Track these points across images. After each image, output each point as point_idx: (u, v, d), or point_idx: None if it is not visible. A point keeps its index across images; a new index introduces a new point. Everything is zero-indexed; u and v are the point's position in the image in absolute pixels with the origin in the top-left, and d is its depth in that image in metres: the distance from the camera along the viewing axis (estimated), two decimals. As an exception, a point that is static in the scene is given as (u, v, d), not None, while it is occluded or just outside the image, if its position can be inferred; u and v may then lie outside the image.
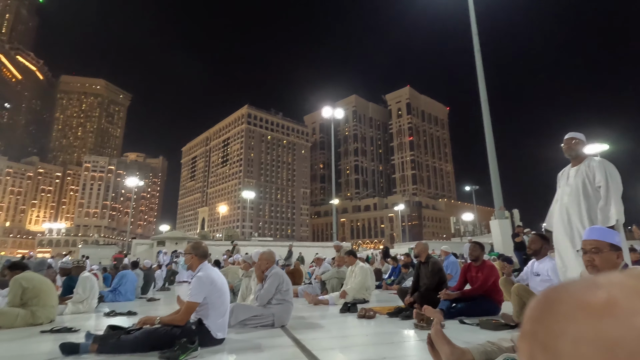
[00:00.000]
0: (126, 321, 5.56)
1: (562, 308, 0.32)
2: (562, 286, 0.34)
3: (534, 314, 0.34)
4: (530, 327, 0.34)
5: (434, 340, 2.54)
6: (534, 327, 0.34)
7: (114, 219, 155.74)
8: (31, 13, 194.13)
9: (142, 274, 10.14)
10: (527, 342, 0.34)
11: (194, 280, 3.86)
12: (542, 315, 0.33)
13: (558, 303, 0.33)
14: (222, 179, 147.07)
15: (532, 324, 0.34)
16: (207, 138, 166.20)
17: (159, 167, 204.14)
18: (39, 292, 5.34)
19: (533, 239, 4.76)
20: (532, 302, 0.36)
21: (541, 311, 0.33)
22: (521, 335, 0.36)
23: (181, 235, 34.00)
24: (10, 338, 4.52)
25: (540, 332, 0.33)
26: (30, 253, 28.26)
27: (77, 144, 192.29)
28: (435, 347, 2.53)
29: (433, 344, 2.55)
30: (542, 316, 0.33)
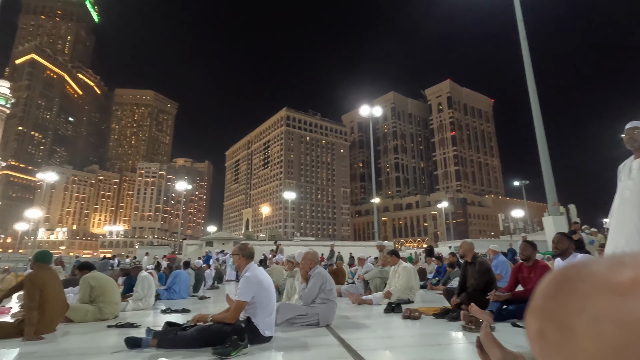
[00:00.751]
0: (181, 318, 5.91)
1: (581, 285, 0.31)
2: (583, 263, 0.33)
3: (549, 290, 0.33)
4: (542, 303, 0.33)
5: (484, 343, 2.46)
6: (547, 303, 0.33)
7: (166, 221, 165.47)
8: (88, 33, 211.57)
9: (194, 273, 10.71)
10: (537, 318, 0.33)
11: (242, 280, 4.03)
12: (558, 292, 0.32)
13: (577, 280, 0.32)
14: (263, 180, 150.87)
15: (545, 300, 0.33)
16: (248, 141, 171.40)
17: (205, 171, 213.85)
18: (105, 290, 5.85)
19: (559, 238, 4.55)
20: (546, 278, 0.34)
21: (557, 287, 0.32)
22: (531, 310, 0.34)
23: (227, 235, 35.38)
24: (83, 332, 5.00)
25: (554, 308, 0.32)
26: (94, 254, 30.76)
27: (131, 152, 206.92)
28: (485, 350, 2.44)
29: (482, 347, 2.47)
30: (557, 293, 0.32)
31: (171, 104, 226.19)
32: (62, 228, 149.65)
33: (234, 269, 15.00)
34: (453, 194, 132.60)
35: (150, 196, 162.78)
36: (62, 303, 4.99)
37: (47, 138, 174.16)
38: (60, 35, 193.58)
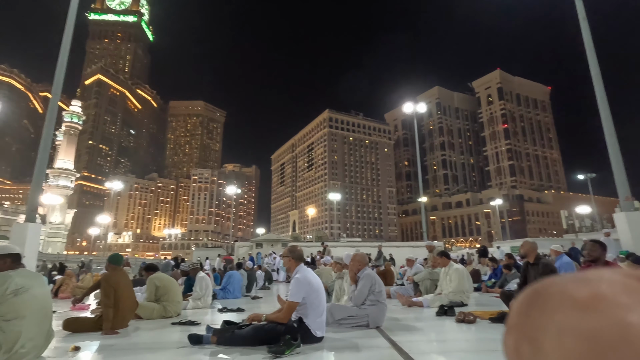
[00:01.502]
0: (236, 317, 6.22)
1: (548, 301, 0.33)
2: (551, 280, 0.35)
3: (521, 307, 0.35)
4: (516, 320, 0.35)
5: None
6: (520, 319, 0.34)
7: (218, 224, 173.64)
8: (144, 52, 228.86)
9: (246, 274, 11.17)
10: (513, 335, 0.35)
11: (293, 281, 4.17)
12: (529, 309, 0.34)
13: (545, 296, 0.34)
14: (308, 182, 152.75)
15: (518, 317, 0.35)
16: (292, 145, 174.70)
17: (253, 175, 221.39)
18: (168, 290, 6.33)
19: (592, 246, 4.20)
20: (519, 296, 0.36)
21: (528, 304, 0.34)
22: (507, 328, 0.36)
23: (276, 237, 36.31)
24: (151, 328, 5.45)
25: (526, 324, 0.33)
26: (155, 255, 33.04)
27: (185, 160, 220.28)
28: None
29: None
30: (528, 309, 0.34)
31: (220, 113, 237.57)
32: (127, 232, 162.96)
33: (285, 270, 15.41)
34: (507, 191, 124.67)
35: (203, 200, 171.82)
36: (133, 301, 5.49)
37: (113, 150, 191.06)
38: (121, 56, 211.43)
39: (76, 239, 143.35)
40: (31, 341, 3.27)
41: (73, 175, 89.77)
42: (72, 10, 12.76)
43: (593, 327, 0.30)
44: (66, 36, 12.66)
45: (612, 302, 0.30)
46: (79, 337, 4.76)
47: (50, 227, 79.58)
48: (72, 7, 12.76)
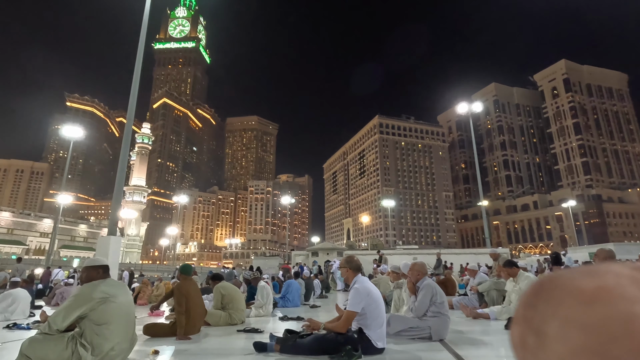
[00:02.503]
0: (297, 325, 6.35)
1: (554, 293, 0.34)
2: (559, 272, 0.36)
3: (528, 300, 0.36)
4: (522, 312, 0.36)
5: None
6: (526, 311, 0.35)
7: (275, 233, 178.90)
8: (203, 74, 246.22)
9: (304, 282, 11.37)
10: (519, 327, 0.35)
11: (352, 291, 4.19)
12: (535, 300, 0.34)
13: (551, 288, 0.34)
14: (361, 190, 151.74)
15: (525, 309, 0.35)
16: (344, 153, 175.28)
17: (306, 184, 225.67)
18: (233, 298, 6.68)
19: None
20: (527, 289, 0.37)
21: (534, 296, 0.35)
22: (514, 320, 0.37)
23: (331, 246, 36.46)
24: (218, 334, 5.79)
25: (532, 316, 0.34)
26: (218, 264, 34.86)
27: (242, 172, 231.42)
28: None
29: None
30: (534, 301, 0.34)
31: (272, 126, 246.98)
32: (193, 242, 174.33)
33: (343, 280, 15.41)
34: (582, 191, 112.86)
35: (260, 211, 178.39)
36: (202, 309, 5.87)
37: (178, 166, 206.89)
38: (183, 79, 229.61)
39: (149, 249, 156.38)
40: (119, 345, 3.66)
41: (145, 191, 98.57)
42: (141, 43, 14.21)
43: (598, 319, 0.30)
44: (137, 67, 14.10)
45: (618, 294, 0.31)
46: (157, 341, 5.20)
47: (128, 239, 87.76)
48: (141, 41, 14.21)
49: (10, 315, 7.73)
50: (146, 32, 14.41)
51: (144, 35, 14.30)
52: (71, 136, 28.21)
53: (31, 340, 3.55)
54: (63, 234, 77.60)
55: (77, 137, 28.50)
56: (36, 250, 75.41)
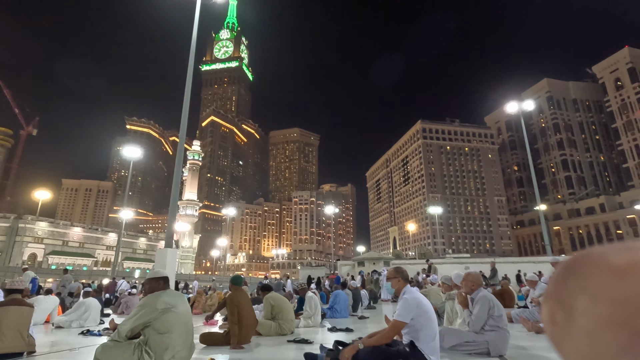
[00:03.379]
0: (346, 337, 6.31)
1: (585, 268, 0.33)
2: (591, 249, 0.35)
3: (558, 276, 0.35)
4: (552, 289, 0.35)
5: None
6: (556, 287, 0.35)
7: (320, 243, 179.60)
8: (246, 90, 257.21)
9: (351, 293, 11.27)
10: (548, 304, 0.35)
11: (401, 301, 4.09)
12: (565, 277, 0.34)
13: (582, 264, 0.34)
14: (406, 197, 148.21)
15: (555, 286, 0.35)
16: (386, 160, 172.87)
17: (349, 193, 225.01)
18: (282, 308, 6.80)
19: None
20: (559, 265, 0.36)
21: (565, 273, 0.34)
22: (544, 297, 0.37)
23: (377, 255, 35.85)
24: (270, 344, 5.91)
25: (561, 292, 0.34)
26: (265, 274, 35.63)
27: (286, 184, 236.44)
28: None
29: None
30: (565, 277, 0.34)
31: (314, 137, 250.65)
32: (241, 253, 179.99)
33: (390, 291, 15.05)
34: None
35: (305, 221, 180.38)
36: (253, 319, 6.05)
37: (226, 180, 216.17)
38: (228, 97, 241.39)
39: (202, 260, 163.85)
40: (179, 353, 3.88)
41: (197, 205, 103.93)
42: (190, 67, 15.24)
43: (627, 292, 0.30)
44: (187, 89, 15.12)
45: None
46: (213, 350, 5.42)
47: (182, 250, 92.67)
48: (190, 65, 15.24)
49: (84, 322, 8.48)
50: (194, 56, 15.45)
51: (192, 59, 15.32)
52: (131, 156, 30.65)
53: (103, 346, 3.88)
54: (125, 247, 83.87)
55: (136, 157, 30.90)
56: (103, 262, 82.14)
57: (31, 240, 72.40)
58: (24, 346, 5.01)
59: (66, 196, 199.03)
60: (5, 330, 4.80)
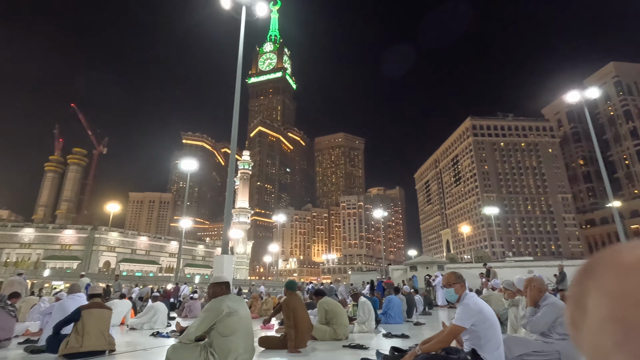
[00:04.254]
0: (401, 343, 6.19)
1: (598, 267, 0.34)
2: (608, 248, 0.36)
3: (576, 277, 0.36)
4: (571, 289, 0.36)
5: None
6: (574, 288, 0.35)
7: (370, 248, 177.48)
8: (290, 99, 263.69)
9: (405, 298, 11.02)
10: (568, 305, 0.36)
11: (461, 306, 3.94)
12: (582, 277, 0.34)
13: (597, 263, 0.34)
14: (458, 198, 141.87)
15: (574, 286, 0.36)
16: (435, 160, 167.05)
17: (397, 196, 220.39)
18: (336, 313, 6.85)
19: None
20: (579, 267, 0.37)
21: (582, 273, 0.35)
22: (566, 301, 0.37)
23: (430, 259, 34.66)
24: (325, 349, 5.97)
25: (578, 292, 0.34)
26: (317, 279, 35.84)
27: (333, 189, 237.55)
28: None
29: None
30: (582, 277, 0.35)
31: (359, 140, 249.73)
32: (292, 258, 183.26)
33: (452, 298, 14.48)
34: None
35: (353, 226, 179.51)
36: (309, 323, 6.16)
37: (275, 188, 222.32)
38: (274, 107, 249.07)
39: (255, 265, 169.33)
40: (241, 355, 4.08)
41: (249, 213, 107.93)
42: (237, 83, 16.01)
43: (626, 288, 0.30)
44: (236, 103, 15.89)
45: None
46: (271, 353, 5.61)
47: (237, 256, 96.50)
48: (238, 80, 16.02)
49: (153, 324, 9.19)
50: (241, 71, 16.22)
51: (239, 74, 16.09)
52: (187, 169, 32.73)
53: (174, 347, 4.19)
54: (186, 254, 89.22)
55: (192, 170, 32.93)
56: (167, 269, 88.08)
57: (105, 249, 79.76)
58: (106, 345, 5.55)
59: (133, 208, 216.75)
60: (90, 330, 5.35)
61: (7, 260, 72.08)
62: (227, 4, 16.61)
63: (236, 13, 16.88)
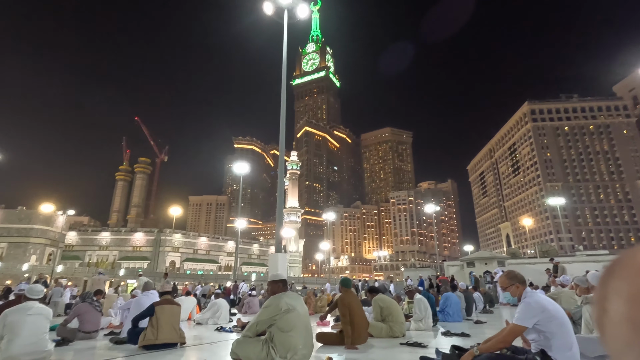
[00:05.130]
0: (462, 342, 5.99)
1: (619, 269, 0.34)
2: (630, 249, 0.36)
3: (601, 279, 0.36)
4: (596, 292, 0.36)
5: None
6: (597, 291, 0.36)
7: (422, 244, 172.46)
8: (335, 97, 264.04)
9: (463, 295, 10.60)
10: (594, 307, 0.36)
11: (522, 304, 3.73)
12: (606, 279, 0.35)
13: (619, 265, 0.34)
14: (517, 189, 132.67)
15: (598, 289, 0.36)
16: (490, 150, 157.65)
17: (450, 190, 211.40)
18: (391, 310, 6.80)
19: None
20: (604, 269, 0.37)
21: (606, 274, 0.35)
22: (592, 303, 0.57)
23: (489, 255, 32.88)
24: (382, 346, 5.96)
25: (602, 294, 0.34)
26: (370, 276, 35.61)
27: (382, 185, 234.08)
28: None
29: None
30: (606, 279, 0.35)
31: (406, 134, 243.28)
32: (344, 256, 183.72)
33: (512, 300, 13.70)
34: None
35: (404, 221, 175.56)
36: (365, 320, 6.19)
37: (323, 186, 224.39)
38: (319, 106, 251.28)
39: (307, 263, 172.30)
40: (300, 350, 4.22)
41: (299, 212, 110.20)
42: (283, 86, 16.43)
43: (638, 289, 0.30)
44: (282, 105, 16.31)
45: None
46: (328, 349, 5.72)
47: (290, 255, 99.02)
48: (283, 85, 16.43)
49: (217, 320, 9.78)
50: (286, 73, 16.61)
51: (284, 78, 16.50)
52: (240, 172, 34.23)
53: (238, 341, 4.45)
54: (242, 253, 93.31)
55: (244, 172, 34.39)
56: (225, 267, 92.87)
57: (170, 249, 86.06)
58: (177, 338, 6.04)
59: (192, 211, 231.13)
60: (163, 325, 5.85)
61: (90, 261, 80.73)
62: (269, 10, 17.10)
63: (278, 17, 17.33)
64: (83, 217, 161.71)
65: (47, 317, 5.16)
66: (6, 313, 4.85)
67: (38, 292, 5.31)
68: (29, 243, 68.79)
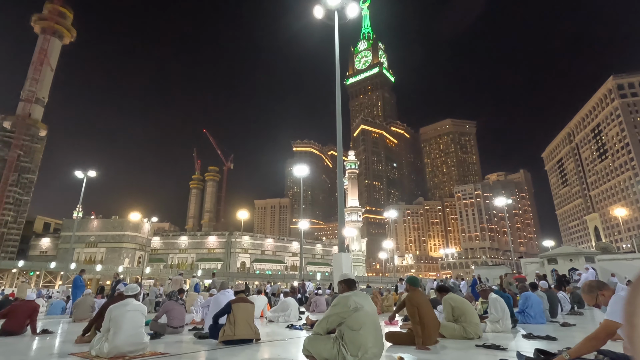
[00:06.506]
0: (547, 345, 5.51)
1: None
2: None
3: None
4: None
5: None
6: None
7: (494, 240, 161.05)
8: (390, 93, 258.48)
9: (545, 295, 9.73)
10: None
11: (614, 298, 3.34)
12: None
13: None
14: (605, 175, 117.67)
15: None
16: (568, 134, 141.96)
17: (522, 180, 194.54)
18: (464, 310, 6.49)
19: None
20: None
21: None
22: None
23: (573, 250, 29.68)
24: (456, 347, 5.71)
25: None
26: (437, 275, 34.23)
27: (445, 179, 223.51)
28: None
29: None
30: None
31: (469, 125, 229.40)
32: (408, 254, 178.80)
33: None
34: None
35: (472, 217, 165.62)
36: (435, 320, 5.99)
37: (383, 184, 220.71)
38: (374, 104, 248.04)
39: (371, 262, 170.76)
40: (371, 349, 4.23)
41: (360, 211, 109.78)
42: (337, 86, 16.52)
43: None
44: (338, 106, 16.41)
45: None
46: (398, 348, 5.64)
47: (353, 254, 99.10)
48: (337, 86, 16.53)
49: (287, 317, 10.18)
50: (339, 74, 16.69)
51: (338, 79, 16.58)
52: (300, 174, 35.11)
53: (309, 338, 4.60)
54: (306, 253, 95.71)
55: (304, 175, 35.21)
56: (291, 267, 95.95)
57: (240, 251, 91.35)
58: (253, 334, 6.41)
59: (258, 214, 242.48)
60: (239, 321, 6.25)
61: (172, 263, 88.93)
62: (319, 13, 17.33)
63: (329, 20, 17.47)
64: (164, 224, 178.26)
65: (143, 312, 5.81)
66: (111, 308, 5.57)
67: (134, 289, 6.05)
68: (122, 248, 78.01)
